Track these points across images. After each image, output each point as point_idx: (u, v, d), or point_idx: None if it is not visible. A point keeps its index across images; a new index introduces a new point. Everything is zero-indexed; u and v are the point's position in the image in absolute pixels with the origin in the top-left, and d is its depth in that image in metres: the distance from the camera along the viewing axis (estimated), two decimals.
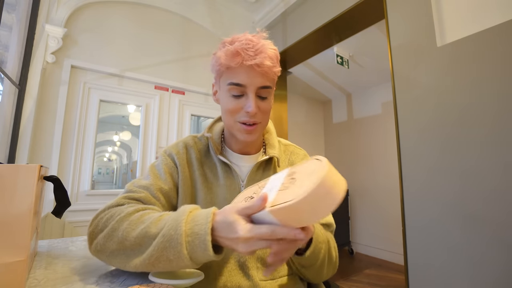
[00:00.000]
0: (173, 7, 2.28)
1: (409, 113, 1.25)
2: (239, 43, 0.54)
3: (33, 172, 0.40)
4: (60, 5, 1.79)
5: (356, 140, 3.48)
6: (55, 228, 1.66)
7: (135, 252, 0.43)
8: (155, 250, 0.41)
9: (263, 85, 0.56)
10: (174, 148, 0.65)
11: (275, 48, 0.59)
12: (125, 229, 0.44)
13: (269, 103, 0.60)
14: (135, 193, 0.54)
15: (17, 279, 0.37)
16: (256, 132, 0.59)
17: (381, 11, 1.51)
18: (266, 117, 0.60)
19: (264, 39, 0.57)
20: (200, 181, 0.62)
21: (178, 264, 0.41)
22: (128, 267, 0.44)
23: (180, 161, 0.62)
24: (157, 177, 0.59)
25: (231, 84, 0.56)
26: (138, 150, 2.11)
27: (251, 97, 0.55)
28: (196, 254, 0.40)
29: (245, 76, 0.54)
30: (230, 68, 0.55)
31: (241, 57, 0.53)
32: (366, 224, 3.26)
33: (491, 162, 0.97)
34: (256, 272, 0.57)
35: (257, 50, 0.53)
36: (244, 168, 0.65)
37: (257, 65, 0.53)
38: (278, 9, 2.31)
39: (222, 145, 0.68)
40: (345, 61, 2.60)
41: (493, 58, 0.99)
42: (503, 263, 0.91)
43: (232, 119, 0.58)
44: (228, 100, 0.58)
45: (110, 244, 0.44)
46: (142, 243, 0.42)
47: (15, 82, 1.56)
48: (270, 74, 0.56)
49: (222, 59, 0.55)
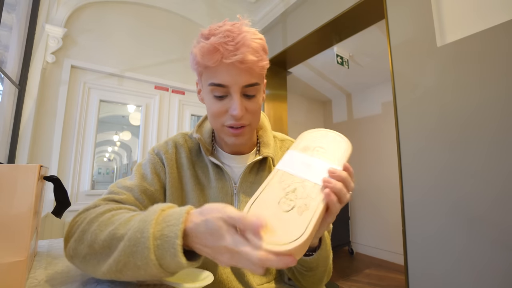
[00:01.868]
0: (173, 7, 2.28)
1: (409, 113, 1.25)
2: (215, 37, 0.45)
3: (33, 172, 0.40)
4: (60, 5, 1.79)
5: (356, 140, 3.48)
6: (55, 228, 1.67)
7: (103, 256, 0.36)
8: (121, 255, 0.34)
9: (248, 83, 0.48)
10: (163, 146, 0.60)
11: (261, 37, 0.50)
12: (94, 231, 0.38)
13: (258, 101, 0.52)
14: (117, 194, 0.50)
15: (17, 279, 0.37)
16: (245, 135, 0.54)
17: (381, 11, 1.51)
18: (255, 117, 0.54)
19: (247, 27, 0.48)
20: (191, 182, 0.58)
21: (148, 271, 0.34)
22: (98, 274, 0.37)
23: (168, 161, 0.58)
24: (142, 178, 0.55)
25: (212, 84, 0.49)
26: (138, 150, 2.12)
27: (236, 98, 0.48)
28: (166, 260, 0.32)
29: (227, 75, 0.47)
30: (208, 68, 0.48)
31: (219, 53, 0.45)
32: (366, 224, 3.26)
33: (492, 163, 0.97)
34: (253, 278, 0.56)
35: (237, 44, 0.45)
36: (237, 169, 0.60)
37: (239, 61, 0.45)
38: (278, 9, 2.31)
39: (213, 144, 0.63)
40: (345, 61, 2.60)
41: (495, 57, 0.99)
42: (504, 264, 0.91)
43: (218, 122, 0.52)
44: (211, 102, 0.51)
45: (81, 248, 0.39)
46: (110, 246, 0.36)
47: (15, 82, 1.56)
48: (256, 69, 0.48)
49: (198, 57, 0.47)
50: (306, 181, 0.38)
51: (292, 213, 0.33)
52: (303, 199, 0.35)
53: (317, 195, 0.36)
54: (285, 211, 0.33)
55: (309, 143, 0.45)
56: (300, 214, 0.33)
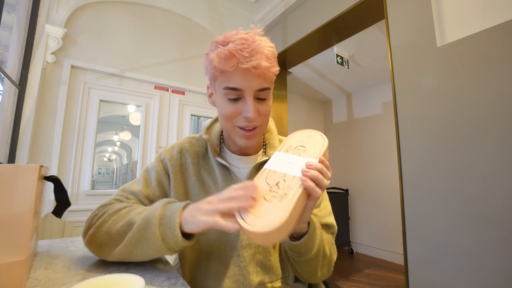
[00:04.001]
0: (173, 7, 2.28)
1: (409, 113, 1.25)
2: (232, 44, 0.49)
3: (33, 172, 0.40)
4: (60, 5, 1.79)
5: (356, 140, 3.48)
6: (55, 228, 1.66)
7: (119, 239, 0.47)
8: (135, 232, 0.46)
9: (261, 87, 0.52)
10: (169, 152, 0.64)
11: (272, 45, 0.54)
12: (113, 221, 0.49)
13: (268, 104, 0.56)
14: (126, 198, 0.58)
15: (17, 279, 0.37)
16: (256, 136, 0.57)
17: (381, 11, 1.51)
18: (266, 119, 0.57)
19: (260, 36, 0.52)
20: (196, 186, 0.61)
21: (154, 245, 0.45)
22: (113, 255, 0.48)
23: (173, 168, 0.61)
24: (147, 185, 0.61)
25: (226, 88, 0.52)
26: (138, 150, 2.11)
27: (250, 102, 0.52)
28: (166, 235, 0.44)
29: (242, 79, 0.50)
30: (225, 72, 0.51)
31: (235, 59, 0.49)
32: (366, 224, 3.26)
33: (492, 163, 0.97)
34: (256, 277, 0.57)
35: (252, 51, 0.49)
36: (243, 170, 0.63)
37: (253, 67, 0.49)
38: (278, 9, 2.31)
39: (221, 146, 0.65)
40: (345, 61, 2.60)
41: (495, 57, 0.99)
42: (505, 265, 0.91)
43: (230, 124, 0.55)
44: (225, 105, 0.54)
45: (99, 234, 0.49)
46: (127, 230, 0.47)
47: (15, 82, 1.56)
48: (268, 75, 0.53)
49: (215, 62, 0.50)
50: (287, 175, 0.44)
51: (274, 201, 0.40)
52: (284, 189, 0.42)
53: (295, 185, 0.42)
54: (269, 201, 0.40)
55: (292, 143, 0.51)
56: (280, 201, 0.40)
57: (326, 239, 0.58)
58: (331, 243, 0.60)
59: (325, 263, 0.57)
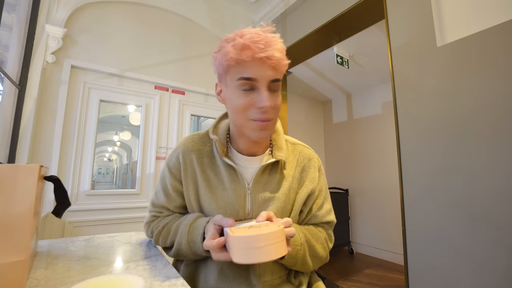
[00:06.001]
0: (173, 7, 2.28)
1: (409, 113, 1.25)
2: (248, 35, 0.52)
3: (33, 172, 0.40)
4: (60, 5, 1.79)
5: (356, 140, 3.48)
6: (55, 228, 1.66)
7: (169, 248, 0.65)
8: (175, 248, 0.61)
9: (274, 78, 0.54)
10: (174, 156, 0.65)
11: (282, 41, 0.57)
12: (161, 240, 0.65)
13: (279, 97, 0.58)
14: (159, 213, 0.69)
15: (17, 279, 0.37)
16: (270, 129, 0.57)
17: (381, 11, 1.51)
18: (277, 113, 0.58)
19: (271, 33, 0.55)
20: (203, 186, 0.61)
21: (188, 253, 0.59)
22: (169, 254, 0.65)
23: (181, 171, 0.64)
24: (167, 196, 0.66)
25: (241, 79, 0.53)
26: (138, 150, 2.11)
27: (263, 91, 0.53)
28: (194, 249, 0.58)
29: (256, 69, 0.52)
30: (240, 62, 0.53)
31: (251, 50, 0.51)
32: (366, 224, 3.26)
33: (492, 163, 0.97)
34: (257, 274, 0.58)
35: (266, 43, 0.52)
36: (250, 170, 0.62)
37: (267, 57, 0.51)
38: (278, 9, 2.31)
39: (228, 145, 0.65)
40: (345, 61, 2.60)
41: (495, 57, 0.99)
42: (505, 265, 0.91)
43: (243, 117, 0.55)
44: (238, 97, 0.54)
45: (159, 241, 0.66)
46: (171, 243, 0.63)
47: (15, 82, 1.56)
48: (280, 66, 0.55)
49: (232, 53, 0.52)
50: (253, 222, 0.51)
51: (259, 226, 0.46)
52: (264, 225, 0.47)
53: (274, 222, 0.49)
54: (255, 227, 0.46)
55: None
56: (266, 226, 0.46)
57: (320, 238, 0.62)
58: (327, 239, 0.65)
59: (318, 261, 0.61)
